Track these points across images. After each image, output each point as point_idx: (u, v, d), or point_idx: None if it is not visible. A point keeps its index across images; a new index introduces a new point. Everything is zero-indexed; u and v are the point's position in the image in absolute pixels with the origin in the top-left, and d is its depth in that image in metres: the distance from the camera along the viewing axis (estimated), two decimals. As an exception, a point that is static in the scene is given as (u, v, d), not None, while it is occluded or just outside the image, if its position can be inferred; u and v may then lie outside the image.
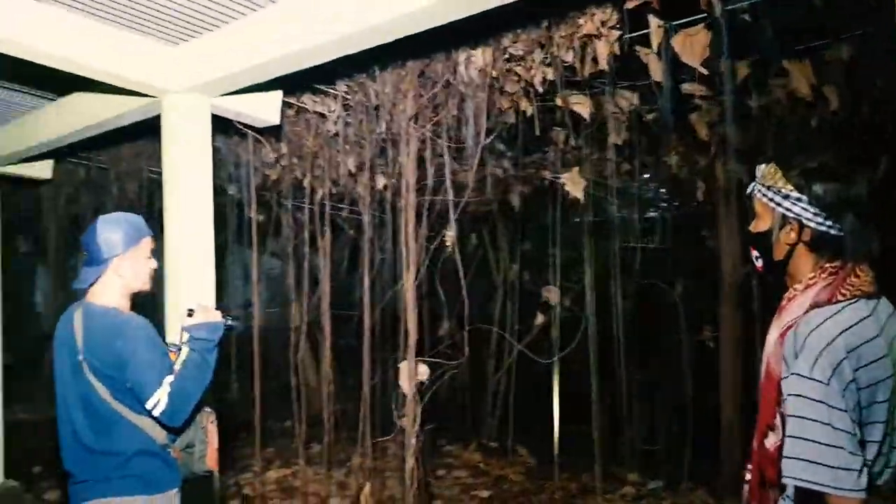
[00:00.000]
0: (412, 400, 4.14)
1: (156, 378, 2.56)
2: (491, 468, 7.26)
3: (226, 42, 3.78)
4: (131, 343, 2.61)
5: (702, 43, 3.52)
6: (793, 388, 1.77)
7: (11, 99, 5.18)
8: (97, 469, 2.69)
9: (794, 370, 1.76)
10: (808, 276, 1.92)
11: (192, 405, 2.60)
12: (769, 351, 1.92)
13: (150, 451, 2.72)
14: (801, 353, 1.76)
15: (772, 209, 1.97)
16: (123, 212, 2.90)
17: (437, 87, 4.13)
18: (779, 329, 1.90)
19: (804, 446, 1.73)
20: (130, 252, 2.74)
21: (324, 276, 5.39)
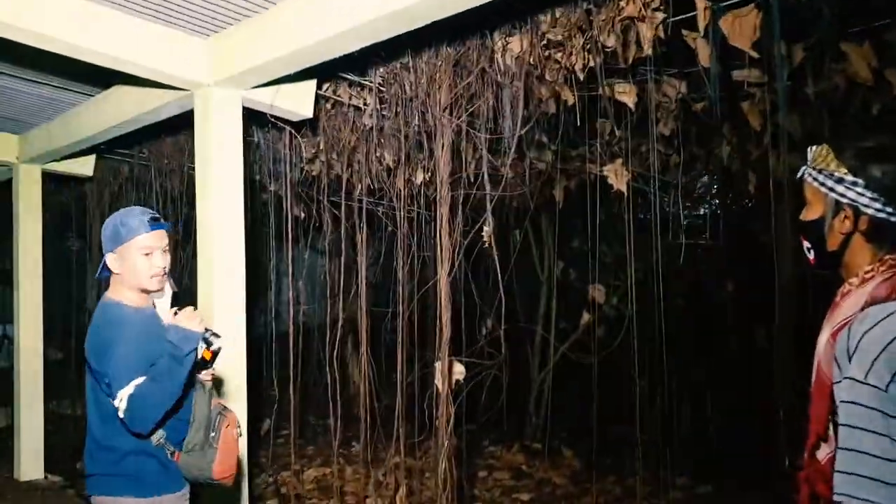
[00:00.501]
0: (446, 400, 4.00)
1: (124, 376, 2.46)
2: (533, 470, 7.08)
3: (255, 32, 3.72)
4: (111, 337, 2.54)
5: (752, 24, 3.30)
6: (845, 394, 1.58)
7: (53, 96, 5.23)
8: (98, 464, 2.66)
9: (848, 374, 1.57)
10: (864, 269, 1.73)
11: (153, 413, 2.47)
12: (820, 353, 1.72)
13: (145, 450, 2.62)
14: (855, 355, 1.57)
15: (824, 195, 1.78)
16: (136, 207, 2.83)
17: (472, 77, 3.98)
18: (831, 328, 1.70)
19: (858, 460, 1.54)
20: (121, 249, 2.66)
21: (361, 273, 5.29)
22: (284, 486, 6.31)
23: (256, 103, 4.23)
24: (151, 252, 2.68)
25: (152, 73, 3.87)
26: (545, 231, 8.11)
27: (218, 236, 4.00)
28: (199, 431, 2.69)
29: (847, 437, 1.56)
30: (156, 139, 6.27)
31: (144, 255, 2.66)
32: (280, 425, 7.07)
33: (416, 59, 4.18)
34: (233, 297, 4.04)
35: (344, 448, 7.36)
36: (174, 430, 2.66)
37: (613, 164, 4.42)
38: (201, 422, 2.71)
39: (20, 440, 6.33)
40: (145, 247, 2.67)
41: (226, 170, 4.06)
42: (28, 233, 6.36)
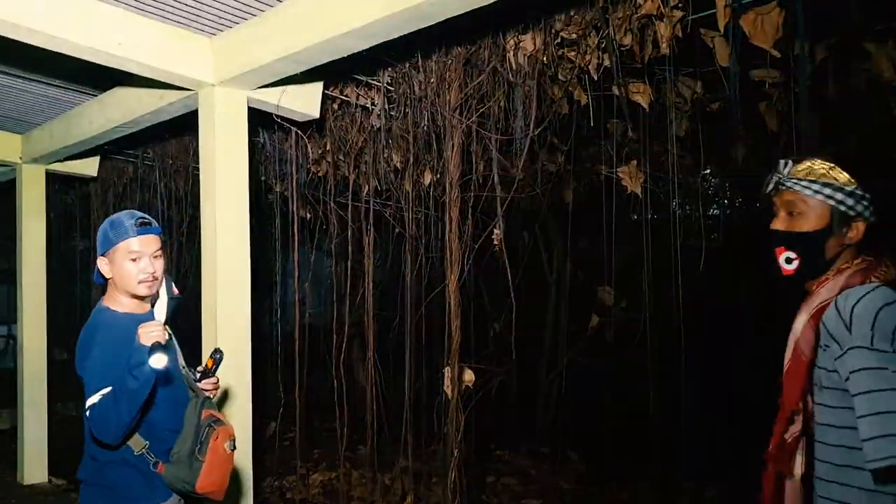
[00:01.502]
0: (455, 407, 3.91)
1: (93, 385, 2.38)
2: (541, 474, 6.99)
3: (260, 31, 3.64)
4: (90, 342, 2.48)
5: (775, 23, 3.20)
6: (856, 362, 1.65)
7: (56, 95, 5.15)
8: (85, 472, 2.60)
9: (853, 344, 1.66)
10: (834, 267, 1.87)
11: (111, 424, 2.34)
12: (797, 334, 1.85)
13: (125, 460, 2.52)
14: (853, 327, 1.67)
15: (829, 207, 1.85)
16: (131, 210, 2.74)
17: (483, 76, 3.88)
18: (809, 312, 1.84)
19: (890, 420, 1.58)
20: (109, 254, 2.57)
21: (368, 275, 5.20)
22: (290, 491, 6.23)
23: (262, 103, 4.14)
24: (139, 257, 2.57)
25: (156, 72, 3.78)
26: (554, 233, 8.00)
27: (222, 238, 3.92)
28: (186, 442, 2.57)
29: (870, 403, 1.61)
30: (161, 140, 6.20)
31: (132, 259, 2.56)
32: (287, 428, 7.00)
33: (425, 59, 4.08)
34: (237, 300, 3.95)
35: (350, 452, 7.27)
36: (161, 440, 2.56)
37: (628, 166, 4.31)
38: (188, 432, 2.58)
39: (24, 443, 6.26)
40: (132, 252, 2.56)
41: (230, 171, 3.98)
42: (32, 233, 6.29)
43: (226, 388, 3.89)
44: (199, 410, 2.65)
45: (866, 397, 1.61)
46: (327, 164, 5.52)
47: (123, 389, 2.33)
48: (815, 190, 1.84)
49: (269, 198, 6.61)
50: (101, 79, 4.61)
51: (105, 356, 2.43)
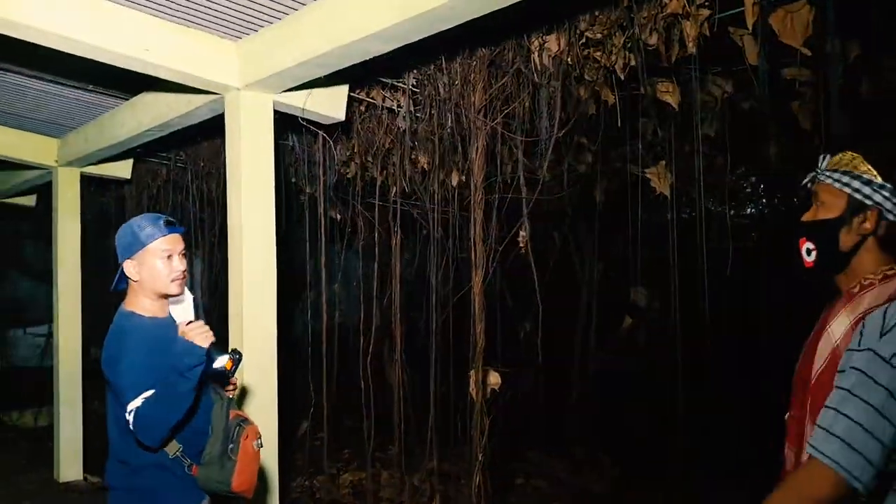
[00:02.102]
0: (479, 411, 3.89)
1: (134, 389, 2.38)
2: (572, 478, 6.92)
3: (286, 35, 3.65)
4: (122, 348, 2.46)
5: (805, 20, 3.13)
6: (862, 363, 1.58)
7: (90, 100, 5.23)
8: (114, 478, 2.60)
9: (872, 347, 1.57)
10: (881, 269, 1.76)
11: (158, 426, 2.38)
12: (837, 338, 1.71)
13: (161, 464, 2.53)
14: (888, 335, 1.56)
15: (847, 195, 1.79)
16: (153, 213, 2.77)
17: (507, 77, 3.85)
18: (851, 317, 1.71)
19: (848, 428, 1.55)
20: (139, 255, 2.58)
21: (395, 277, 5.21)
22: (319, 491, 6.26)
23: (288, 107, 4.16)
24: (171, 255, 2.61)
25: (183, 76, 3.82)
26: (584, 234, 7.93)
27: (248, 240, 3.95)
28: (217, 443, 2.62)
29: (843, 402, 1.57)
30: (193, 142, 6.27)
31: (165, 258, 2.60)
32: (317, 428, 7.03)
33: (449, 61, 4.07)
34: (263, 302, 3.98)
35: (381, 452, 7.29)
36: (192, 443, 2.59)
37: (656, 167, 4.25)
38: (219, 434, 2.63)
39: (60, 441, 6.38)
40: (164, 250, 2.60)
41: (257, 173, 4.01)
42: (67, 234, 6.40)
43: (252, 388, 3.93)
44: (226, 411, 2.70)
45: (844, 395, 1.57)
46: (355, 166, 5.54)
47: (171, 391, 2.38)
48: (835, 178, 1.80)
49: (300, 199, 6.65)
50: (133, 83, 4.66)
51: (141, 360, 2.44)
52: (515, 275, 5.14)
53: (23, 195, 8.32)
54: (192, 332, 2.45)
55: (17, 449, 7.54)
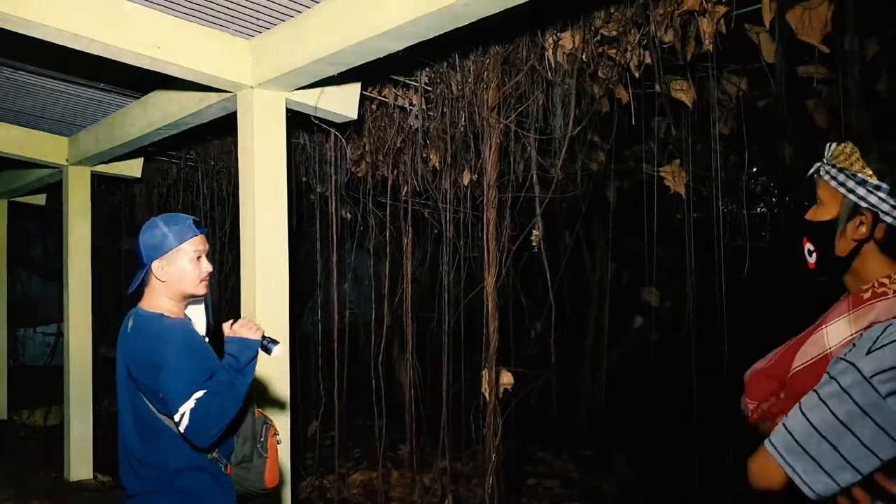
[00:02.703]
0: (493, 411, 3.86)
1: (183, 391, 2.36)
2: (584, 478, 6.89)
3: (298, 33, 3.64)
4: (163, 351, 2.43)
5: (823, 17, 3.08)
6: (840, 376, 1.46)
7: (101, 98, 5.23)
8: (144, 482, 2.53)
9: (855, 362, 1.45)
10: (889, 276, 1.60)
11: (216, 425, 2.38)
12: (833, 346, 1.59)
13: (198, 465, 2.53)
14: (876, 352, 1.43)
15: (842, 196, 1.64)
16: (178, 213, 2.75)
17: (521, 75, 3.82)
18: (858, 327, 1.56)
19: (809, 434, 1.47)
20: (171, 254, 2.57)
21: (406, 275, 5.19)
22: (330, 490, 6.25)
23: (300, 105, 4.15)
24: (200, 256, 2.62)
25: (195, 75, 3.81)
26: (597, 233, 7.90)
27: (261, 239, 3.94)
28: (247, 443, 2.64)
29: (813, 408, 1.48)
30: (203, 141, 6.26)
31: (196, 258, 2.60)
32: (328, 427, 7.01)
33: (462, 58, 4.04)
34: (276, 301, 3.97)
35: (392, 452, 7.27)
36: (225, 442, 2.58)
37: (671, 166, 4.22)
38: (247, 433, 2.64)
39: (70, 440, 6.39)
40: (196, 250, 2.61)
41: (269, 172, 4.00)
42: (78, 233, 6.40)
43: (266, 385, 3.93)
44: (253, 410, 2.71)
45: (815, 402, 1.47)
46: (366, 165, 5.52)
47: (230, 389, 2.40)
48: (832, 175, 1.66)
49: (310, 198, 6.64)
50: (144, 81, 4.66)
51: (186, 363, 2.43)
52: (527, 274, 5.10)
53: (33, 194, 8.35)
54: (242, 329, 2.52)
55: (27, 448, 7.56)
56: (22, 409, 8.79)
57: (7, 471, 6.58)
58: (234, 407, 2.41)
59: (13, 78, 4.79)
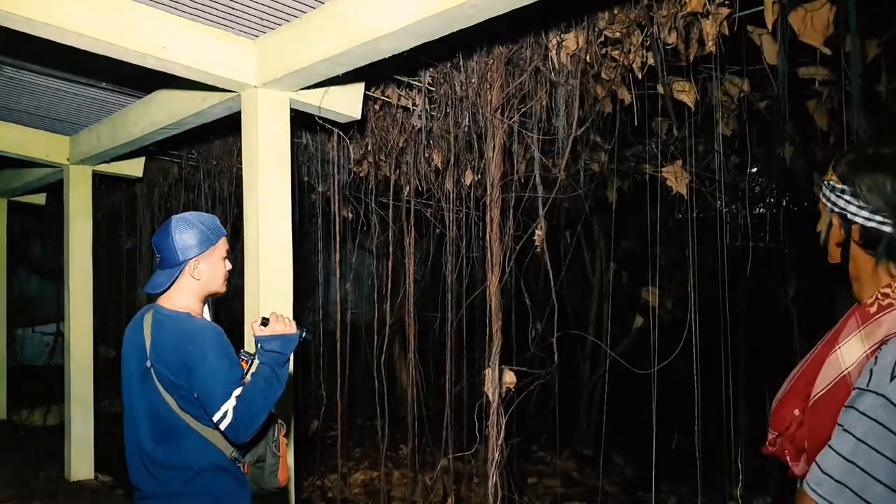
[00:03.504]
0: (496, 411, 3.88)
1: (223, 389, 2.38)
2: (585, 477, 6.92)
3: (303, 33, 3.65)
4: (200, 350, 2.43)
5: (825, 19, 3.10)
6: (870, 409, 1.41)
7: (103, 97, 5.24)
8: (164, 484, 2.51)
9: (883, 392, 1.40)
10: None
11: (260, 420, 2.41)
12: (847, 364, 1.54)
13: (220, 465, 2.54)
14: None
15: (827, 207, 1.67)
16: (200, 212, 2.77)
17: (525, 76, 3.84)
18: (869, 344, 1.52)
19: (855, 475, 1.40)
20: (207, 253, 2.59)
21: (409, 275, 5.20)
22: (331, 490, 6.26)
23: (304, 105, 4.16)
24: (227, 255, 2.69)
25: (199, 74, 3.81)
26: (597, 233, 7.91)
27: (265, 238, 3.95)
28: (262, 442, 2.67)
29: (854, 451, 1.41)
30: (204, 141, 6.27)
31: (223, 257, 2.67)
32: (329, 426, 7.02)
33: (466, 59, 4.05)
34: (279, 301, 3.97)
35: (393, 451, 7.29)
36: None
37: (673, 166, 4.23)
38: (260, 432, 2.64)
39: (71, 440, 6.38)
40: (226, 249, 2.70)
41: (273, 172, 4.01)
42: (79, 233, 6.40)
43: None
44: None
45: (854, 443, 1.42)
46: (368, 165, 5.53)
47: (275, 383, 2.46)
48: (821, 189, 1.71)
49: (312, 198, 6.65)
50: (147, 81, 4.67)
51: (224, 361, 2.45)
52: (529, 274, 5.12)
53: (32, 193, 8.34)
54: (278, 325, 2.57)
55: (27, 447, 7.56)
56: (21, 409, 8.78)
57: (7, 471, 6.59)
58: (273, 401, 2.46)
59: (15, 77, 4.79)
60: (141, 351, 2.55)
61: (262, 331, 2.57)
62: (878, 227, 1.56)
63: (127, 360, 2.64)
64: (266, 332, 2.55)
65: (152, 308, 2.64)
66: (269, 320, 2.59)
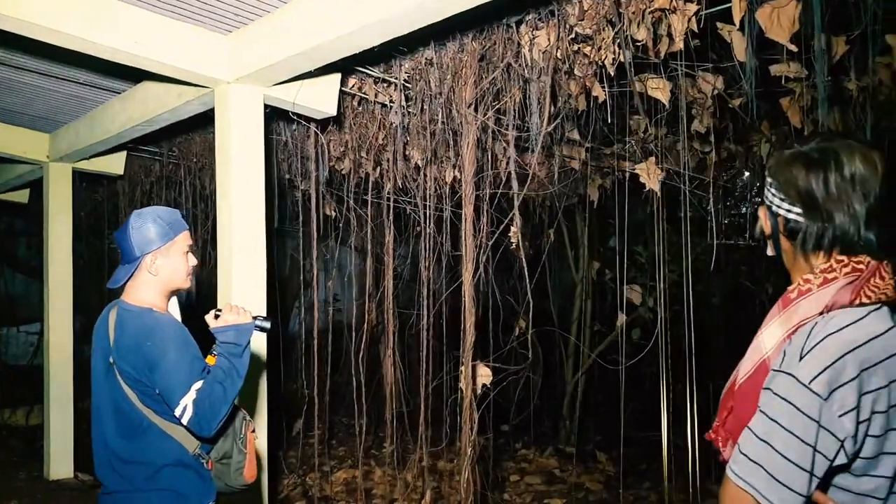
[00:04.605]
0: (469, 406, 3.88)
1: (184, 383, 2.38)
2: (567, 475, 6.92)
3: (276, 28, 3.65)
4: (160, 345, 2.43)
5: (791, 16, 3.11)
6: (782, 389, 1.46)
7: (82, 94, 5.22)
8: (127, 480, 2.50)
9: (792, 371, 1.46)
10: (819, 270, 1.59)
11: (222, 413, 2.40)
12: (768, 350, 1.59)
13: (183, 462, 2.53)
14: (807, 357, 1.45)
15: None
16: (162, 206, 2.76)
17: (498, 72, 3.85)
18: (787, 328, 1.57)
19: (768, 455, 1.46)
20: (165, 248, 2.58)
21: (388, 273, 5.21)
22: (312, 488, 6.25)
23: (279, 101, 4.16)
24: (189, 250, 2.67)
25: (172, 70, 3.82)
26: (580, 231, 7.93)
27: (238, 236, 3.95)
28: (228, 439, 2.66)
29: (768, 430, 1.47)
30: (186, 138, 6.26)
31: (186, 252, 2.65)
32: (312, 425, 7.01)
33: (440, 55, 4.06)
34: (253, 297, 3.97)
35: (376, 450, 7.29)
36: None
37: (646, 163, 4.25)
38: (228, 429, 2.66)
39: (50, 439, 6.36)
40: (189, 243, 2.67)
41: (247, 168, 4.01)
42: (59, 230, 6.37)
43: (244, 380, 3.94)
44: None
45: (768, 423, 1.46)
46: (349, 162, 5.53)
47: (233, 375, 2.44)
48: None
49: (295, 195, 6.65)
50: (126, 77, 4.66)
51: (183, 355, 2.45)
52: (510, 270, 5.14)
53: (15, 191, 8.30)
54: (231, 316, 2.55)
55: (9, 447, 7.53)
56: (4, 409, 8.74)
57: (-13, 470, 6.56)
58: (236, 391, 2.45)
59: (-7, 74, 4.78)
60: (105, 347, 2.56)
61: (215, 322, 2.56)
62: (796, 219, 1.62)
63: (94, 356, 2.65)
64: (219, 324, 2.55)
65: (117, 304, 2.64)
66: (221, 313, 2.59)
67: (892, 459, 1.50)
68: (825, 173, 1.55)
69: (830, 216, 1.56)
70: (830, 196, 1.55)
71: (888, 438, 1.49)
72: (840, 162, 1.55)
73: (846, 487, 1.53)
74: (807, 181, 1.58)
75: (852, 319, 1.49)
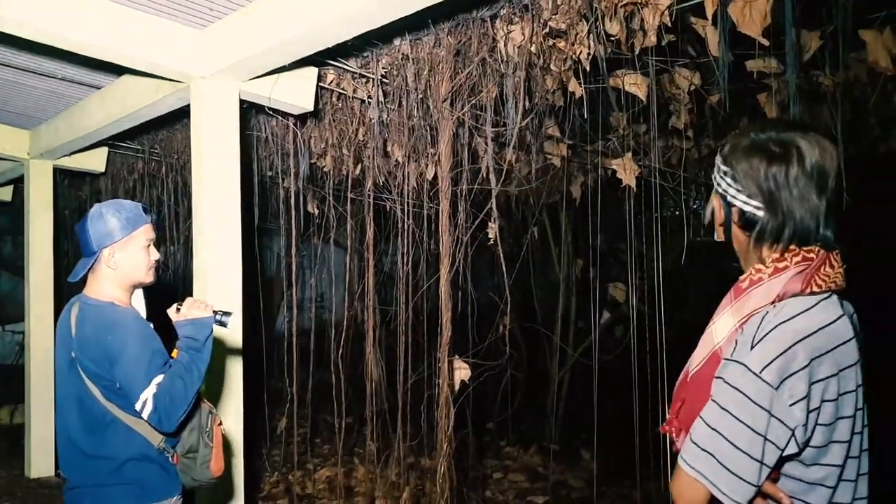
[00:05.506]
0: (445, 402, 3.88)
1: (144, 377, 2.37)
2: (550, 472, 6.92)
3: (250, 22, 3.64)
4: (121, 339, 2.42)
5: (763, 11, 3.12)
6: (733, 378, 1.47)
7: (61, 91, 5.19)
8: (90, 474, 2.50)
9: (743, 360, 1.46)
10: (773, 257, 1.58)
11: (183, 407, 2.39)
12: (720, 340, 1.58)
13: (147, 456, 2.52)
14: (759, 345, 1.45)
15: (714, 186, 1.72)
16: (126, 199, 2.74)
17: (473, 66, 3.84)
18: (738, 317, 1.57)
19: (718, 443, 1.46)
20: (123, 242, 2.56)
21: (368, 270, 5.19)
22: (295, 486, 6.24)
23: (255, 96, 4.15)
24: (150, 243, 2.63)
25: (146, 65, 3.80)
26: (564, 228, 7.93)
27: (212, 232, 3.94)
28: (193, 433, 2.63)
29: (713, 415, 1.48)
30: (167, 134, 6.23)
31: (146, 246, 2.62)
32: (297, 424, 6.98)
33: (416, 49, 4.05)
34: (228, 293, 3.96)
35: (360, 447, 7.27)
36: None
37: (622, 159, 4.25)
38: (194, 423, 2.64)
39: (31, 438, 6.31)
40: (149, 238, 2.63)
41: (222, 163, 3.99)
42: (40, 229, 6.33)
43: (219, 376, 3.93)
44: (199, 401, 2.70)
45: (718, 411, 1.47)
46: (331, 159, 5.51)
47: (192, 369, 2.41)
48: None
49: (276, 192, 6.62)
50: (105, 72, 4.63)
51: (144, 350, 2.44)
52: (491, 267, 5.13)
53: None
54: (192, 310, 2.52)
55: (-9, 446, 7.49)
56: (-12, 408, 8.69)
57: (-32, 469, 6.52)
58: (196, 386, 2.42)
59: (-29, 70, 4.75)
60: (67, 341, 2.55)
61: (176, 316, 2.54)
62: (753, 211, 1.59)
63: (57, 351, 2.63)
64: (179, 318, 2.53)
65: (79, 299, 2.63)
66: (181, 307, 2.57)
67: (842, 448, 1.51)
68: (787, 168, 1.53)
69: (791, 213, 1.54)
70: (793, 194, 1.54)
71: (837, 427, 1.49)
72: (802, 156, 1.52)
73: (796, 476, 1.53)
74: (768, 177, 1.54)
75: (803, 308, 1.50)
